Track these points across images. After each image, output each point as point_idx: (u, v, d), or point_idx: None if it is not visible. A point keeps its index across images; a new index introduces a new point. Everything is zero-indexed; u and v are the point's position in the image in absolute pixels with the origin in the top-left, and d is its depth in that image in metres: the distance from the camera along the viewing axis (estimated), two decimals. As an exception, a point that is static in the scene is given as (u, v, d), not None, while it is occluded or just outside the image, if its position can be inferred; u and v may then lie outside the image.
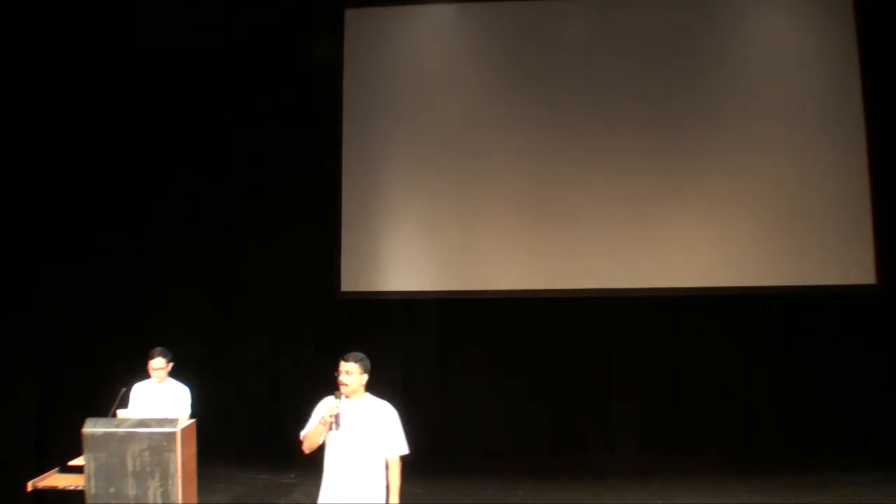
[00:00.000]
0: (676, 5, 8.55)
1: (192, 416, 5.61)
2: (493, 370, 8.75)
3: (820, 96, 8.36)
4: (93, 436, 4.69)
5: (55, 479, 5.07)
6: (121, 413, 5.38)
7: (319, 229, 8.82)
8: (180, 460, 4.70)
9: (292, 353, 8.81)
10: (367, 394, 4.38)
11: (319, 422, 4.21)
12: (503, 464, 8.24)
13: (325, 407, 4.25)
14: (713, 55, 8.46)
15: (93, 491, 4.68)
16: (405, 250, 8.73)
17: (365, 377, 4.33)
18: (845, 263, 8.17)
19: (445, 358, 8.84)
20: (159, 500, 4.65)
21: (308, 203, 8.88)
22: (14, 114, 6.69)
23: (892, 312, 8.16)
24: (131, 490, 4.66)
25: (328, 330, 8.56)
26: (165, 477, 4.66)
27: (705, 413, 8.44)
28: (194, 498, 5.12)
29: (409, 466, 7.95)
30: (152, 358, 5.78)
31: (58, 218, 7.19)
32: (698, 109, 8.44)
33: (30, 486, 5.03)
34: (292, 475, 7.61)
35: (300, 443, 4.35)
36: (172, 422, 4.88)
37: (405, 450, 4.38)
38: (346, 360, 4.29)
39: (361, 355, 4.34)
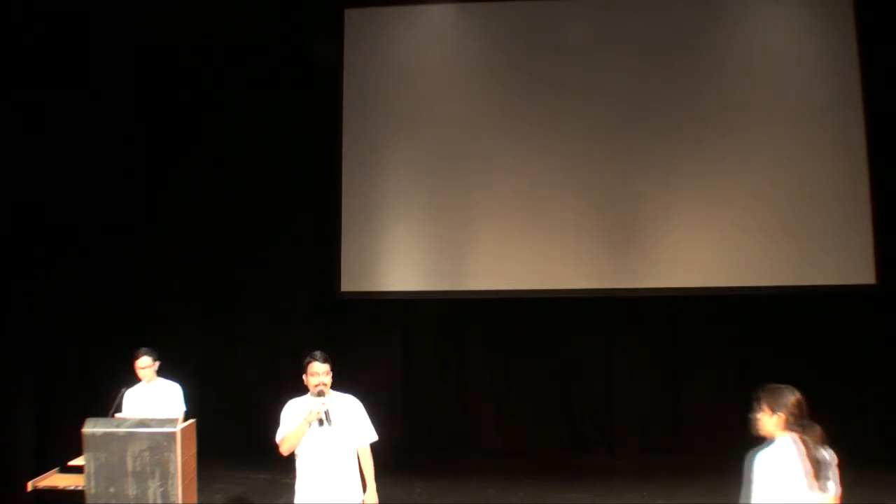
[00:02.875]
0: (676, 5, 8.55)
1: (188, 415, 5.58)
2: (492, 370, 8.76)
3: (820, 96, 8.36)
4: (93, 436, 4.68)
5: (55, 479, 5.06)
6: (117, 416, 5.36)
7: (319, 229, 8.82)
8: (180, 460, 4.69)
9: (292, 353, 8.77)
10: (331, 390, 4.46)
11: (305, 419, 4.26)
12: (503, 464, 8.23)
13: (300, 407, 4.34)
14: (713, 55, 8.47)
15: (93, 491, 4.66)
16: (405, 251, 8.73)
17: (331, 374, 4.43)
18: (845, 263, 8.18)
19: (445, 358, 8.84)
20: (159, 500, 4.64)
21: (308, 203, 8.88)
22: (14, 114, 6.68)
23: (892, 312, 8.16)
24: (131, 490, 4.65)
25: (328, 330, 8.54)
26: (165, 477, 4.66)
27: (705, 413, 8.44)
28: (194, 498, 5.12)
29: (410, 466, 7.96)
30: (138, 357, 5.71)
31: (57, 219, 7.18)
32: (698, 109, 8.45)
33: (30, 486, 5.02)
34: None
35: (276, 445, 4.41)
36: (172, 422, 4.88)
37: (375, 437, 4.50)
38: (320, 361, 4.37)
39: (326, 354, 4.43)
